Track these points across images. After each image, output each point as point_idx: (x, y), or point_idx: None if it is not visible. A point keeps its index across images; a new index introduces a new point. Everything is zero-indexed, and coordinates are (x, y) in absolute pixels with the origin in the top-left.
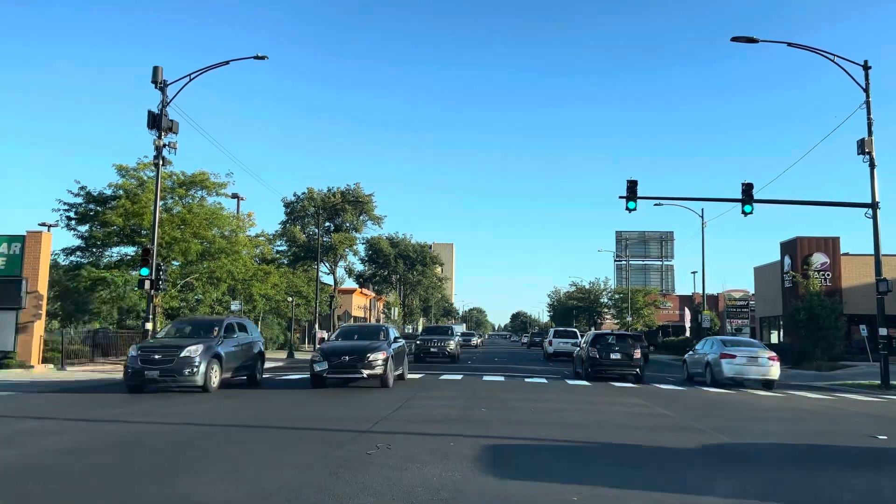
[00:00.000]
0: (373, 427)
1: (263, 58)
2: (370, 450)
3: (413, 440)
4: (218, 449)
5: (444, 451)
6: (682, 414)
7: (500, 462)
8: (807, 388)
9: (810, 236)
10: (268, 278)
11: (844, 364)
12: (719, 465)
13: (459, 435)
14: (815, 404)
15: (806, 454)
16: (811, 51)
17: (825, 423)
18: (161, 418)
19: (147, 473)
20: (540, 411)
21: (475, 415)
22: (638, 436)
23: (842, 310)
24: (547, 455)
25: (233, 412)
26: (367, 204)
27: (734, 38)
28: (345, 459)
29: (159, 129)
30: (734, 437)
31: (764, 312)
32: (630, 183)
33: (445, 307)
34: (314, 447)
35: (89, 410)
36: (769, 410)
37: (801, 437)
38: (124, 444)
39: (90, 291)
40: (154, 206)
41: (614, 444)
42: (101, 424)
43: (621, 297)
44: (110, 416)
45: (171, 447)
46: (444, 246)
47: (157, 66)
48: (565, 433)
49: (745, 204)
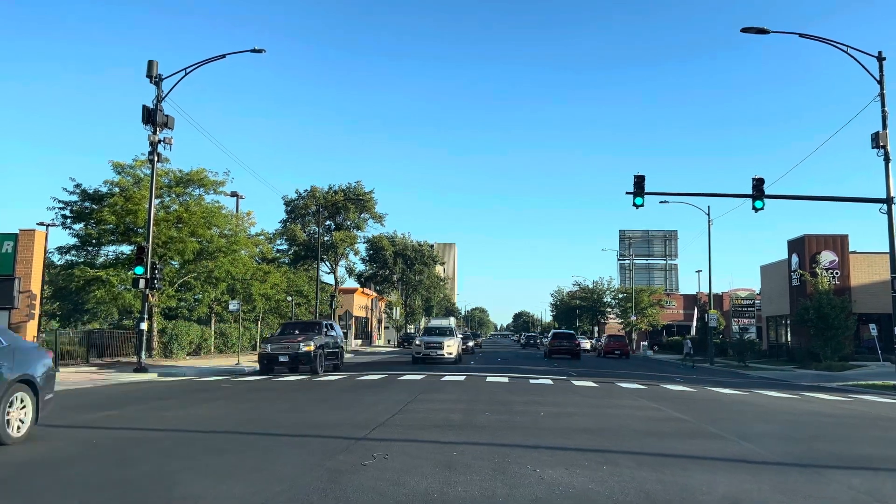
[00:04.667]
0: (369, 433)
1: (261, 51)
2: (365, 460)
3: (412, 449)
4: (193, 460)
5: (447, 462)
6: (698, 417)
7: (508, 478)
8: (818, 388)
9: (818, 234)
10: (268, 278)
11: (854, 364)
12: (765, 476)
13: (463, 443)
14: (832, 407)
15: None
16: (823, 41)
17: (851, 430)
18: (142, 424)
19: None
20: (548, 416)
21: (479, 420)
22: (658, 444)
23: (851, 309)
24: (561, 470)
25: (222, 418)
26: (369, 202)
27: (744, 29)
28: (336, 472)
29: (154, 125)
30: (760, 445)
31: (770, 312)
32: (637, 178)
33: (448, 307)
34: (304, 457)
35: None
36: (788, 413)
37: (817, 441)
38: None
39: (84, 291)
40: (149, 202)
41: (635, 454)
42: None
43: (625, 296)
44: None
45: (155, 454)
46: (446, 246)
47: (152, 59)
48: (579, 441)
49: (755, 199)
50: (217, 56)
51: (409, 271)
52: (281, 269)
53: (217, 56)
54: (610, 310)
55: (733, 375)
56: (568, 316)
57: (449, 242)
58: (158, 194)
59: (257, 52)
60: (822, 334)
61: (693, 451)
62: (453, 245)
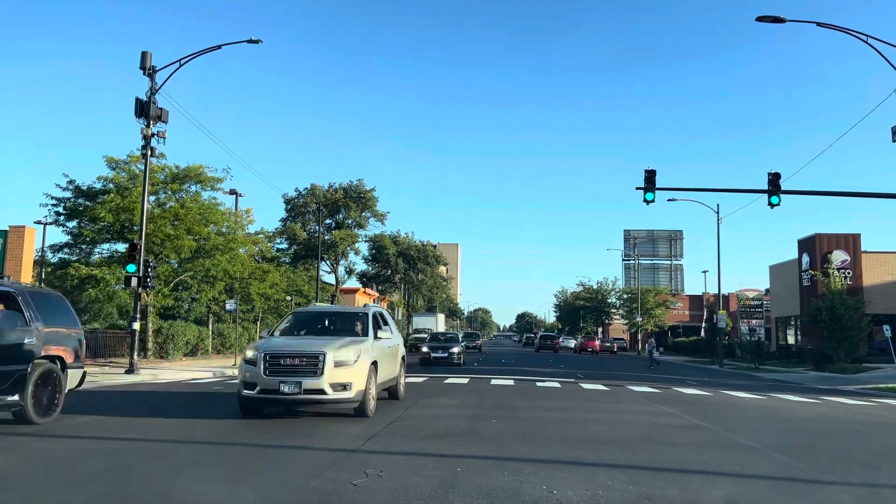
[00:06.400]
0: (363, 445)
1: (257, 41)
2: (356, 477)
3: (411, 464)
4: (156, 479)
5: (449, 481)
6: (721, 425)
7: (521, 502)
8: (835, 392)
9: (830, 233)
10: (267, 277)
11: (868, 366)
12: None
13: (467, 456)
14: (860, 413)
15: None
16: (842, 31)
17: (890, 439)
18: (114, 433)
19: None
20: (558, 422)
21: (484, 428)
22: (685, 458)
23: (864, 309)
24: (581, 492)
25: (200, 427)
26: (370, 200)
27: (760, 18)
28: (322, 493)
29: (147, 118)
30: (800, 459)
31: (780, 312)
32: (648, 173)
33: (450, 307)
34: (287, 474)
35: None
36: (816, 420)
37: (863, 455)
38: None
39: (79, 290)
40: (142, 198)
41: (662, 471)
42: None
43: (630, 296)
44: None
45: (114, 472)
46: (450, 246)
47: (146, 51)
48: (595, 453)
49: (771, 195)
50: (213, 47)
51: (411, 271)
52: (280, 268)
53: (213, 47)
54: (615, 310)
55: (746, 378)
56: (572, 317)
57: (452, 243)
58: (154, 191)
59: (254, 42)
60: (836, 335)
61: (726, 466)
62: (456, 245)
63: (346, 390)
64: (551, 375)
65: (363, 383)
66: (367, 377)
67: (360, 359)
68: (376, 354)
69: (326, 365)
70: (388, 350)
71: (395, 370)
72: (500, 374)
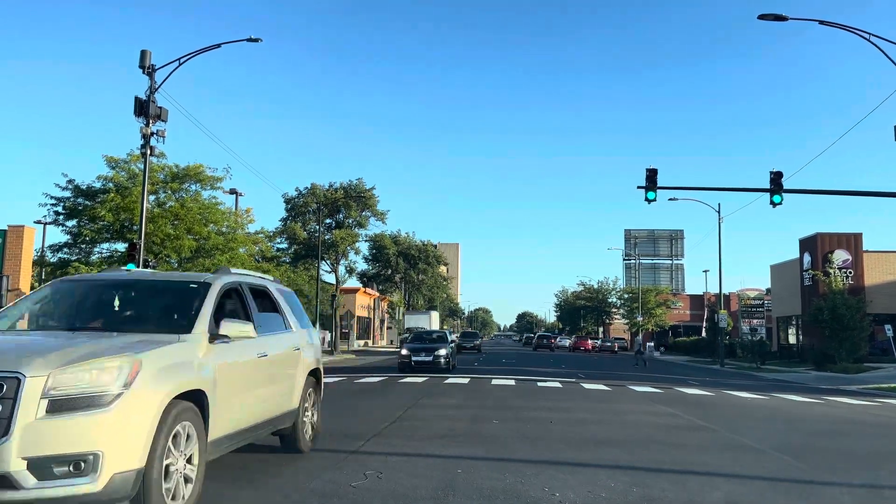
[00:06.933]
0: (362, 446)
1: (257, 40)
2: (356, 479)
3: (411, 465)
4: None
5: (450, 482)
6: (724, 426)
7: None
8: (838, 391)
9: (831, 232)
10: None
11: (869, 366)
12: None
13: (468, 458)
14: (864, 413)
15: None
16: (844, 29)
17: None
18: None
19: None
20: (560, 423)
21: (486, 429)
22: (689, 459)
23: (866, 309)
24: (584, 493)
25: None
26: (370, 199)
27: (762, 16)
28: (320, 495)
29: (147, 117)
30: (806, 462)
31: (781, 312)
32: (650, 172)
33: (451, 307)
34: (285, 476)
35: None
36: (821, 421)
37: (869, 456)
38: None
39: None
40: (142, 197)
41: (666, 472)
42: None
43: (631, 296)
44: None
45: None
46: (450, 246)
47: (145, 49)
48: (596, 454)
49: (773, 193)
50: (212, 45)
51: (411, 271)
52: (281, 267)
53: (212, 45)
54: (615, 310)
55: (747, 378)
56: (572, 316)
57: (452, 243)
58: (153, 190)
59: (253, 41)
60: (837, 335)
61: (728, 467)
62: (457, 245)
63: (78, 473)
64: (552, 375)
65: (140, 450)
66: (154, 435)
67: (138, 387)
68: (212, 372)
69: (21, 407)
70: (260, 362)
71: (287, 396)
72: (501, 374)
